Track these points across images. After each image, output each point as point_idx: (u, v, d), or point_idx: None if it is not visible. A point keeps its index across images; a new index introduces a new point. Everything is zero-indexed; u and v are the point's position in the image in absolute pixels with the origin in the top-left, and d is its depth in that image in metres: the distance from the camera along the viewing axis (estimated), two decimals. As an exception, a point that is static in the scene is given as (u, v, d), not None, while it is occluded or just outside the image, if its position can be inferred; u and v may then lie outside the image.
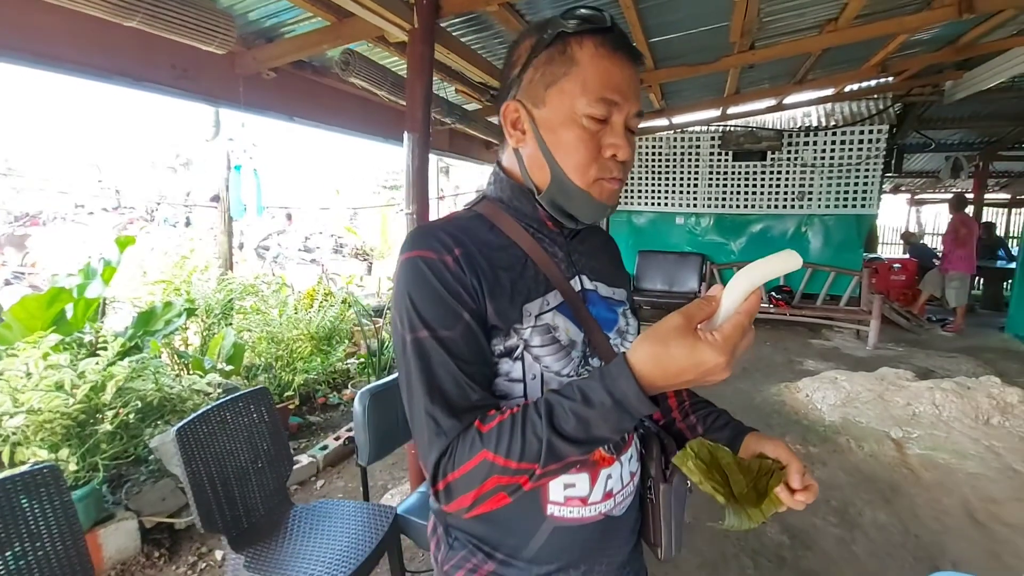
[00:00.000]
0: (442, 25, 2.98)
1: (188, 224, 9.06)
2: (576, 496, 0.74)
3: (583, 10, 0.69)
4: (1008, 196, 12.12)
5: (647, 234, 7.43)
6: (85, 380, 2.12)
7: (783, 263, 0.52)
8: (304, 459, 2.97)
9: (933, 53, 4.94)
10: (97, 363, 2.23)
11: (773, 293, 6.60)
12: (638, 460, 0.84)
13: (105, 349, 2.35)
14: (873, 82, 6.00)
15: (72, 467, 2.01)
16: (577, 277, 0.79)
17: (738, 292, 0.53)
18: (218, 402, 1.75)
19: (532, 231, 0.77)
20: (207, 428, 1.67)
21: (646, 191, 7.33)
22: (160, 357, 2.94)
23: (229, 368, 3.08)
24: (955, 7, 3.48)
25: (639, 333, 0.86)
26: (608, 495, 0.77)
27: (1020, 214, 12.82)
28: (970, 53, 4.89)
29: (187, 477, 1.56)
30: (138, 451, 2.42)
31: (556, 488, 0.74)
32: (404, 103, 2.68)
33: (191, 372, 2.92)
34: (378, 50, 3.28)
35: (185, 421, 1.60)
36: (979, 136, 8.54)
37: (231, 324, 3.50)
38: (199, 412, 1.67)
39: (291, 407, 3.37)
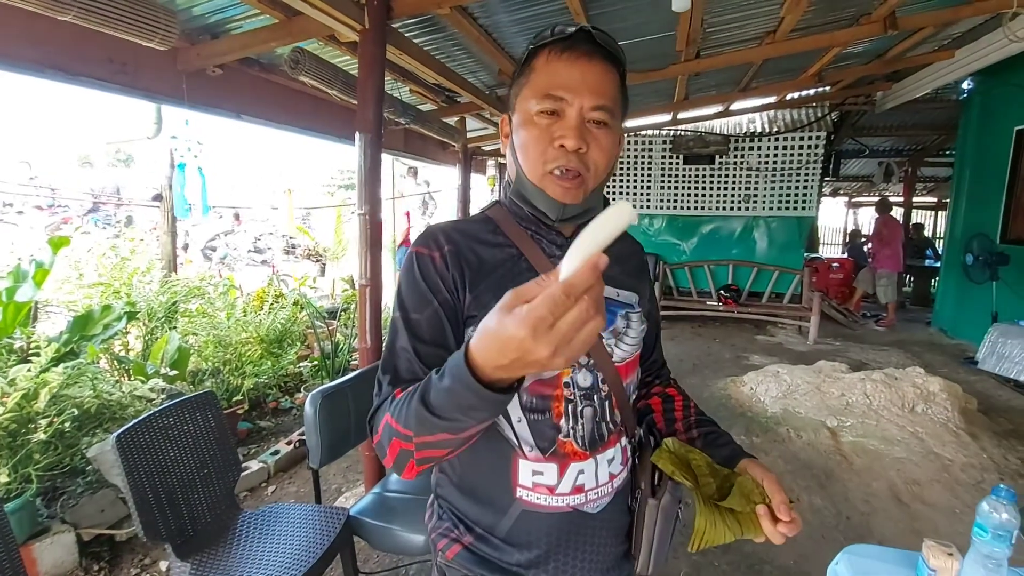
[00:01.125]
0: (394, 26, 2.97)
1: (130, 224, 8.65)
2: (543, 484, 0.78)
3: (556, 28, 0.75)
4: (935, 199, 12.97)
5: (602, 235, 7.56)
6: (16, 388, 2.02)
7: (617, 219, 0.46)
8: (254, 465, 2.90)
9: (864, 65, 5.26)
10: (29, 370, 2.12)
11: (722, 292, 6.87)
12: (623, 465, 0.85)
13: (38, 355, 2.24)
14: (811, 91, 6.33)
15: (3, 479, 1.91)
16: None
17: (573, 261, 0.45)
18: (161, 408, 1.70)
19: (531, 232, 0.82)
20: (149, 435, 1.62)
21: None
22: (98, 363, 2.81)
23: (173, 373, 2.98)
24: (881, 24, 3.73)
25: (646, 337, 0.91)
26: (578, 489, 0.79)
27: (945, 216, 13.71)
28: (897, 66, 5.25)
29: (128, 485, 1.51)
30: (75, 462, 2.31)
31: (525, 472, 0.78)
32: (356, 102, 2.66)
33: (132, 378, 2.81)
34: (329, 49, 3.24)
35: (125, 427, 1.56)
36: (908, 143, 9.12)
37: (175, 328, 3.38)
38: (140, 418, 1.63)
39: (240, 412, 3.28)
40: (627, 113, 0.83)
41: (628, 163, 7.29)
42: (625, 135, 0.79)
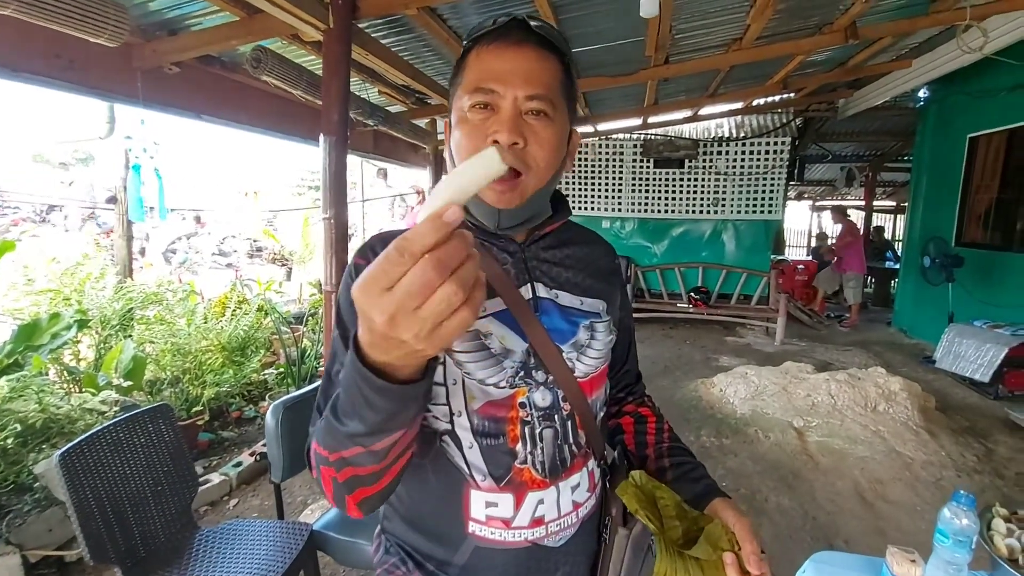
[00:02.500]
0: (361, 26, 2.91)
1: (99, 225, 8.27)
2: (498, 516, 0.71)
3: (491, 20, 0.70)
4: (894, 203, 13.43)
5: (574, 238, 7.60)
6: (-49, 403, 1.90)
7: (480, 166, 0.39)
8: (215, 478, 2.79)
9: (827, 73, 5.40)
10: (-34, 384, 2.00)
11: (692, 294, 6.96)
12: (590, 491, 0.78)
13: (-23, 368, 2.11)
14: (777, 97, 6.48)
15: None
16: (530, 284, 0.76)
17: (426, 213, 0.38)
18: (112, 422, 1.62)
19: (480, 239, 0.74)
20: (98, 451, 1.54)
21: (574, 195, 7.51)
22: (46, 374, 2.67)
23: (128, 384, 2.85)
24: (842, 33, 3.84)
25: (615, 348, 0.84)
26: (538, 521, 0.72)
27: (904, 219, 14.22)
28: (858, 74, 5.42)
29: (73, 505, 1.43)
30: (20, 479, 2.19)
31: (478, 504, 0.71)
32: (321, 103, 2.60)
33: (83, 390, 2.68)
34: (293, 48, 3.16)
35: (70, 445, 1.47)
36: (868, 149, 9.42)
37: (131, 336, 3.24)
38: (88, 434, 1.54)
39: (200, 423, 3.16)
40: (575, 105, 0.76)
41: (599, 166, 7.34)
42: (578, 130, 0.80)
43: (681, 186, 7.19)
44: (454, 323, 0.38)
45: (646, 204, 7.35)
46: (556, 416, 0.73)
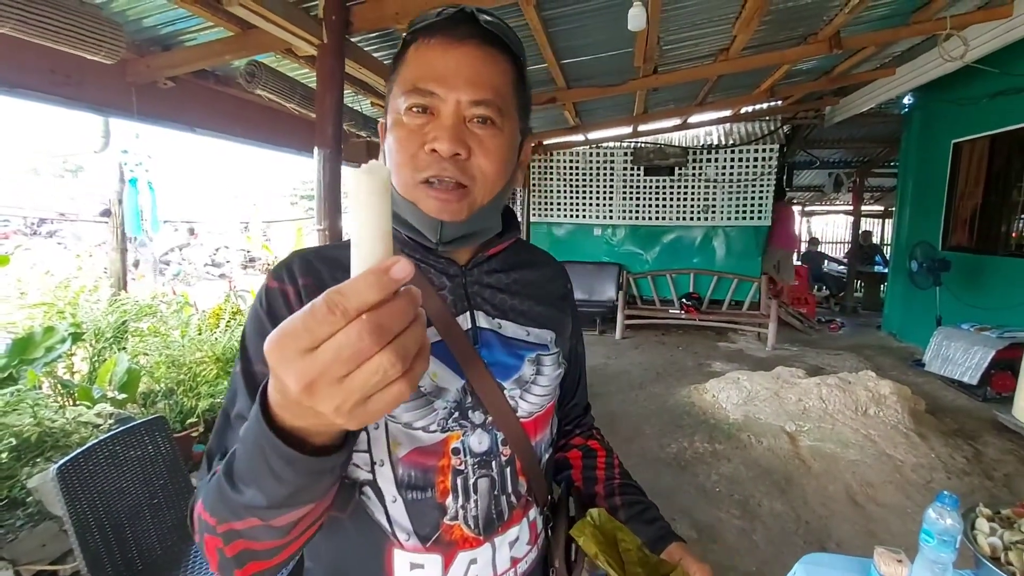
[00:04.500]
0: (354, 40, 2.95)
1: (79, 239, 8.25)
2: None
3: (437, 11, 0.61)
4: (882, 208, 13.59)
5: (567, 245, 7.67)
6: (-55, 419, 1.90)
7: (370, 184, 0.33)
8: (211, 490, 2.79)
9: (813, 81, 5.50)
10: (-39, 399, 1.99)
11: (684, 300, 7.01)
12: (531, 544, 0.70)
13: (-29, 383, 2.11)
14: (764, 105, 6.57)
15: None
16: (469, 313, 0.67)
17: (355, 262, 0.33)
18: (108, 435, 1.63)
19: (415, 259, 0.66)
20: (94, 464, 1.54)
21: (566, 203, 7.57)
22: (40, 388, 2.66)
23: (122, 396, 2.84)
24: (827, 43, 3.92)
25: (563, 381, 0.76)
26: None
27: (892, 224, 14.40)
28: (844, 82, 5.52)
29: (71, 520, 1.44)
30: (13, 493, 2.18)
31: (401, 566, 0.62)
32: (315, 116, 2.63)
33: (77, 403, 2.67)
34: (287, 62, 3.19)
35: (68, 458, 1.48)
36: (855, 155, 9.54)
37: (125, 348, 3.23)
38: (84, 447, 1.55)
39: (195, 435, 3.15)
40: (528, 112, 0.68)
41: (590, 174, 7.41)
42: (529, 138, 0.69)
43: (671, 193, 7.27)
44: (386, 398, 0.32)
45: (637, 211, 7.42)
46: (494, 463, 0.65)
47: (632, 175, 7.31)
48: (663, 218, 7.35)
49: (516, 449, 0.66)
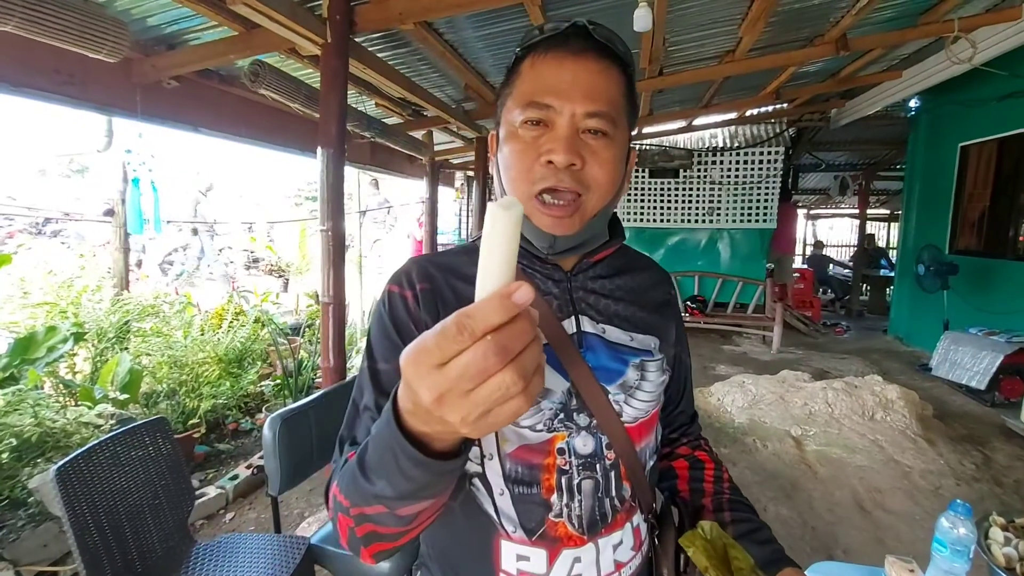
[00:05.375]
0: (358, 40, 2.94)
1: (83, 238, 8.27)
2: (530, 572, 0.65)
3: (547, 25, 0.64)
4: (888, 211, 13.52)
5: (571, 247, 7.64)
6: (-54, 418, 1.89)
7: (505, 220, 0.35)
8: (211, 491, 2.77)
9: (819, 84, 5.47)
10: (-38, 398, 1.99)
11: (689, 303, 6.98)
12: (635, 550, 0.70)
13: (-28, 382, 2.11)
14: (770, 108, 6.54)
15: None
16: (574, 317, 0.70)
17: (481, 287, 0.35)
18: (108, 435, 1.61)
19: (523, 265, 0.70)
20: (94, 465, 1.53)
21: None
22: (42, 388, 2.66)
23: (124, 396, 2.84)
24: (833, 45, 3.89)
25: (668, 389, 0.77)
26: None
27: (898, 228, 14.33)
28: (850, 85, 5.48)
29: (70, 521, 1.42)
30: (14, 493, 2.17)
31: (508, 556, 0.65)
32: (319, 116, 2.62)
33: (79, 403, 2.66)
34: (291, 62, 3.19)
35: (67, 459, 1.46)
36: (861, 158, 9.50)
37: (127, 348, 3.23)
38: (84, 448, 1.53)
39: (197, 436, 3.15)
40: (636, 121, 0.70)
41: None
42: (636, 149, 0.78)
43: (676, 195, 7.24)
44: (506, 412, 0.34)
45: (642, 213, 7.40)
46: (598, 465, 0.67)
47: (637, 177, 7.28)
48: (668, 220, 7.33)
49: (620, 453, 0.68)
